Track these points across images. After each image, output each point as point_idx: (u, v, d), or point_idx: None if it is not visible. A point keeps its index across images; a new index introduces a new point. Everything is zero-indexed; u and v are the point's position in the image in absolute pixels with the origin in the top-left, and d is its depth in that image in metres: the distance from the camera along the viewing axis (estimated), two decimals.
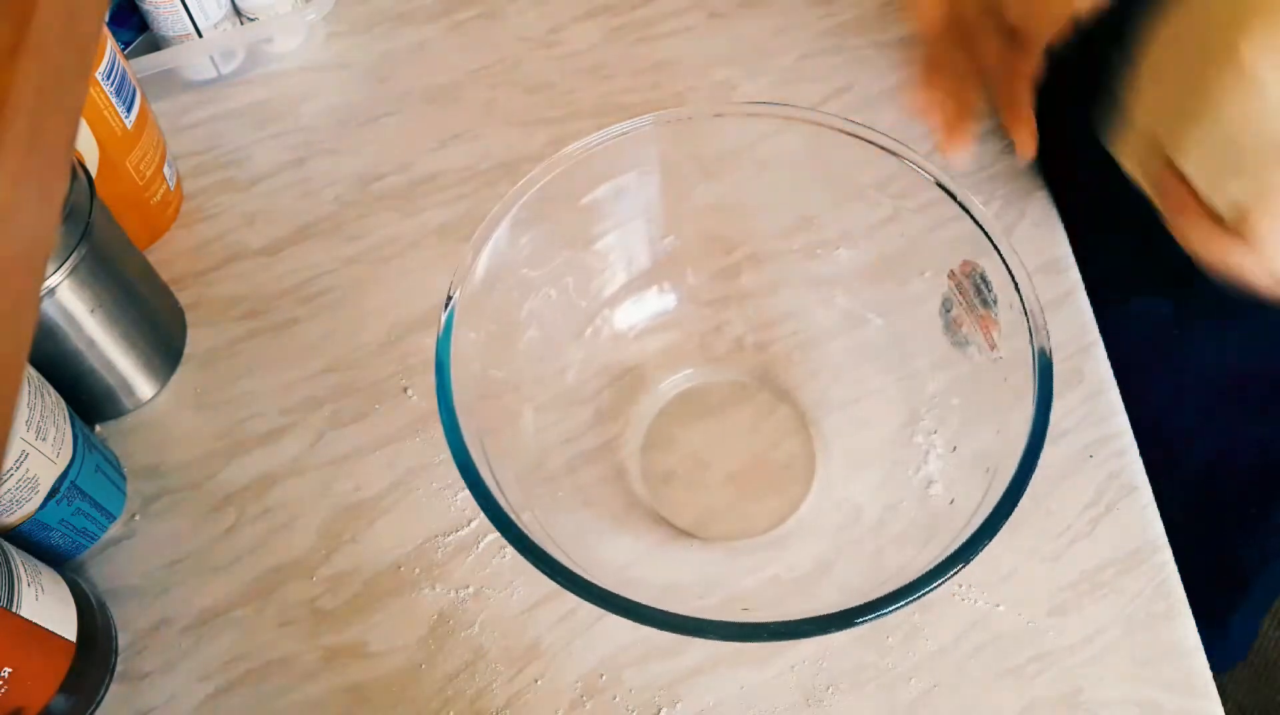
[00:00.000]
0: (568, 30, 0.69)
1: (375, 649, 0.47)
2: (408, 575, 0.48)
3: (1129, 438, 0.51)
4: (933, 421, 0.44)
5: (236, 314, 0.57)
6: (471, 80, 0.66)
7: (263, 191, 0.62)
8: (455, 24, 0.69)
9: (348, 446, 0.52)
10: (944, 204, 0.41)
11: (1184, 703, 0.45)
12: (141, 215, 0.58)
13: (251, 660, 0.47)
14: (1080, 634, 0.46)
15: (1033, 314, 0.38)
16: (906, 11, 0.43)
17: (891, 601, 0.33)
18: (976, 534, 0.34)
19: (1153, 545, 0.48)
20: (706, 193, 0.48)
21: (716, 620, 0.33)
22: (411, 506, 0.50)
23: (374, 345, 0.55)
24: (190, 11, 0.62)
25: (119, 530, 0.50)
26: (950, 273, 0.42)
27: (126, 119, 0.54)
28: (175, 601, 0.48)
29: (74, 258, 0.46)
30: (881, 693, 0.45)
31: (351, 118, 0.65)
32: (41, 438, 0.44)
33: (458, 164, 0.62)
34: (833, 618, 0.33)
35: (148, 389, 0.54)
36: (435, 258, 0.58)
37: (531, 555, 0.34)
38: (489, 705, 0.45)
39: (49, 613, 0.42)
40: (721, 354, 0.52)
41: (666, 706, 0.45)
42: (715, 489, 0.49)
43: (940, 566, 0.34)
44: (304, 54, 0.68)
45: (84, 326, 0.48)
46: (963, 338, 0.42)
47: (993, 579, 0.47)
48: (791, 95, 0.64)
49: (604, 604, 0.33)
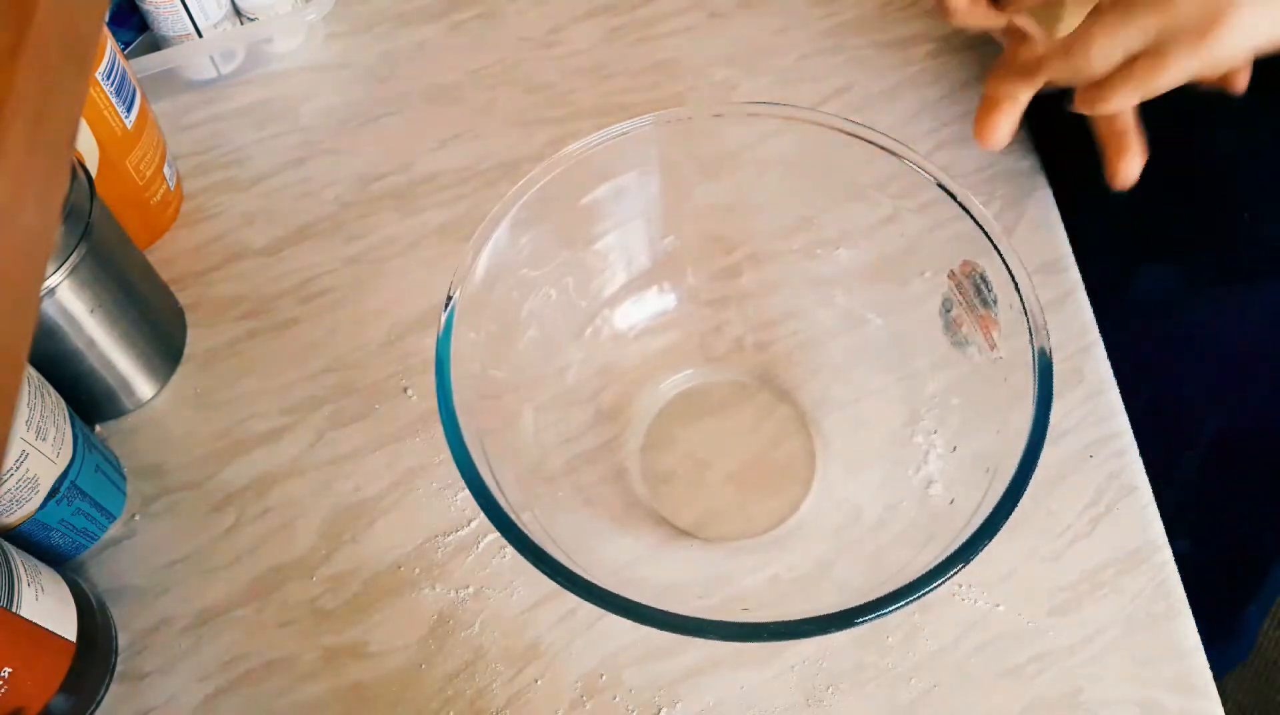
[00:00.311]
0: (568, 30, 0.69)
1: (375, 649, 0.47)
2: (408, 575, 0.48)
3: (1129, 438, 0.51)
4: (933, 421, 0.44)
5: (236, 314, 0.57)
6: (471, 80, 0.66)
7: (263, 191, 0.62)
8: (455, 24, 0.69)
9: (348, 446, 0.52)
10: (944, 204, 0.41)
11: (1184, 703, 0.45)
12: (141, 215, 0.58)
13: (251, 660, 0.47)
14: (1080, 634, 0.46)
15: (1033, 314, 0.38)
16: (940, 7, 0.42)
17: (891, 601, 0.33)
18: (976, 534, 0.34)
19: (1153, 545, 0.48)
20: (706, 193, 0.48)
21: (716, 620, 0.33)
22: (411, 506, 0.50)
23: (374, 345, 0.55)
24: (190, 11, 0.62)
25: (119, 530, 0.50)
26: (950, 273, 0.42)
27: (126, 119, 0.54)
28: (175, 601, 0.48)
29: (74, 258, 0.46)
30: (881, 693, 0.45)
31: (351, 118, 0.65)
32: (41, 438, 0.44)
33: (458, 164, 0.62)
34: (833, 618, 0.33)
35: (148, 389, 0.54)
36: (435, 258, 0.58)
37: (531, 555, 0.34)
38: (489, 705, 0.45)
39: (49, 613, 0.42)
40: (721, 354, 0.52)
41: (666, 706, 0.45)
42: (715, 489, 0.49)
43: (940, 566, 0.34)
44: (304, 54, 0.68)
45: (84, 326, 0.48)
46: (963, 338, 0.42)
47: (993, 579, 0.47)
48: (791, 95, 0.64)
49: (604, 604, 0.33)
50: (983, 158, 0.60)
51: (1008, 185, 0.59)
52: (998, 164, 0.60)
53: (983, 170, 0.60)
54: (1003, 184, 0.59)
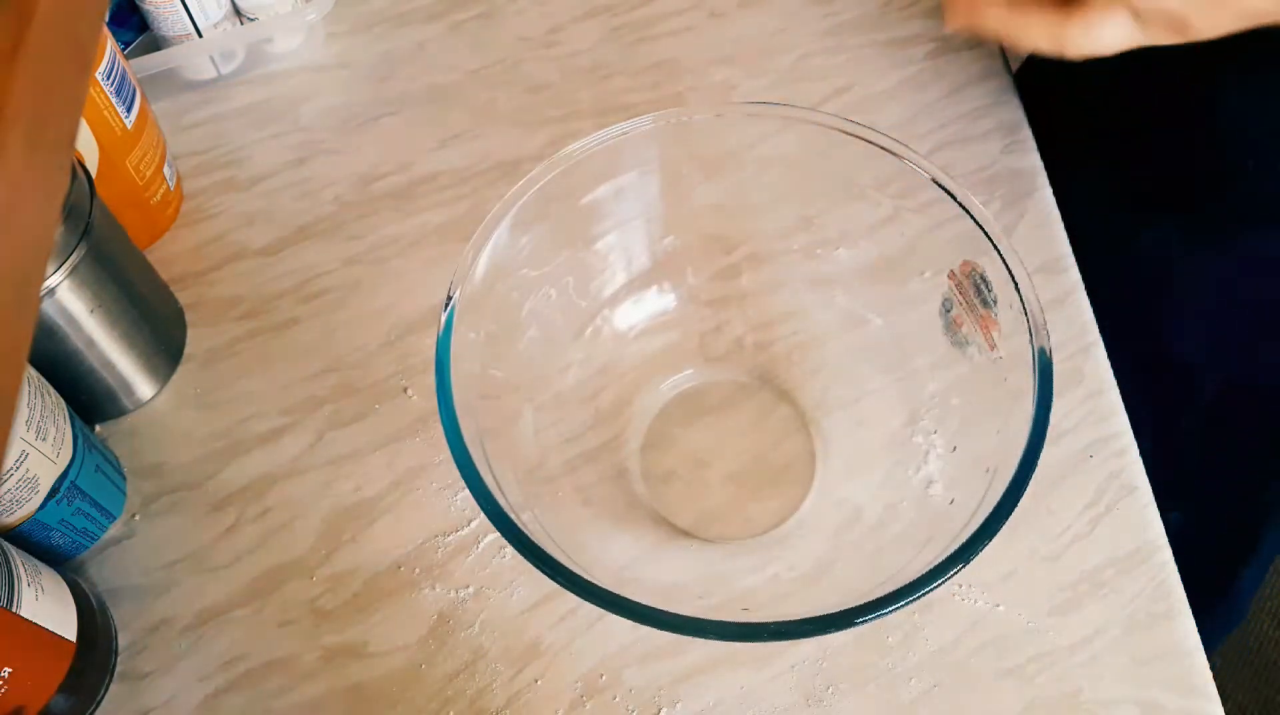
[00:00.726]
0: (568, 30, 0.69)
1: (375, 649, 0.47)
2: (408, 575, 0.48)
3: (1129, 438, 0.51)
4: (932, 421, 0.44)
5: (236, 314, 0.57)
6: (471, 80, 0.66)
7: (263, 191, 0.62)
8: (455, 24, 0.69)
9: (348, 446, 0.52)
10: (944, 204, 0.41)
11: (1184, 703, 0.45)
12: (141, 215, 0.58)
13: (251, 660, 0.47)
14: (1080, 634, 0.46)
15: (1033, 314, 0.38)
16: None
17: (891, 601, 0.33)
18: (976, 534, 0.34)
19: (1153, 545, 0.48)
20: (706, 193, 0.48)
21: (716, 620, 0.33)
22: (411, 506, 0.50)
23: (374, 345, 0.55)
24: (190, 11, 0.62)
25: (119, 530, 0.50)
26: (950, 273, 0.42)
27: (126, 119, 0.54)
28: (175, 601, 0.48)
29: (74, 258, 0.46)
30: (881, 693, 0.45)
31: (351, 118, 0.65)
32: (41, 438, 0.44)
33: (458, 164, 0.62)
34: (833, 617, 0.33)
35: (148, 389, 0.54)
36: (435, 258, 0.58)
37: (531, 555, 0.34)
38: (489, 705, 0.45)
39: (49, 613, 0.42)
40: (721, 354, 0.52)
41: (666, 706, 0.45)
42: (715, 489, 0.49)
43: (940, 566, 0.34)
44: (304, 54, 0.68)
45: (84, 326, 0.48)
46: (963, 338, 0.42)
47: (993, 579, 0.47)
48: (791, 95, 0.64)
49: (604, 604, 0.33)
50: (983, 158, 0.61)
51: (1008, 185, 0.59)
52: (998, 164, 0.60)
53: (983, 170, 0.60)
54: (1003, 184, 0.59)
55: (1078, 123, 0.56)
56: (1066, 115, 0.60)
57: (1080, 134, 0.57)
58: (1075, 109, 0.58)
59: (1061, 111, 0.60)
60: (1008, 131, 0.61)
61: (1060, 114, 0.59)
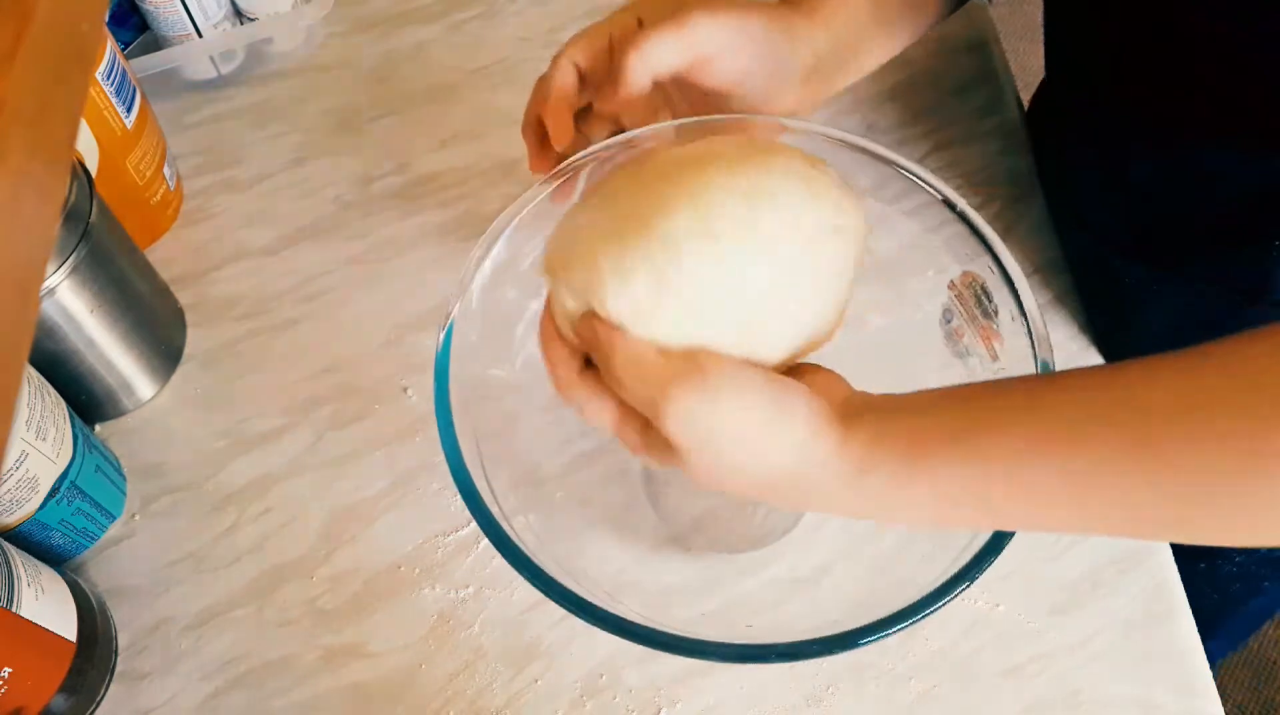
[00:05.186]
0: (567, 30, 0.68)
1: (375, 649, 0.47)
2: (408, 575, 0.48)
3: None
4: None
5: (236, 314, 0.57)
6: (471, 80, 0.66)
7: (263, 191, 0.62)
8: (455, 24, 0.69)
9: (348, 446, 0.52)
10: (942, 208, 0.41)
11: (1184, 703, 0.45)
12: (141, 215, 0.58)
13: (251, 660, 0.47)
14: (1080, 634, 0.46)
15: (1034, 325, 0.38)
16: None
17: (897, 621, 0.33)
18: (983, 550, 0.34)
19: (1152, 545, 0.48)
20: None
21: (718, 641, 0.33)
22: (411, 506, 0.50)
23: (374, 345, 0.55)
24: (190, 11, 0.62)
25: (119, 530, 0.50)
26: (951, 283, 0.42)
27: (126, 119, 0.54)
28: (175, 601, 0.48)
29: (74, 258, 0.46)
30: (882, 692, 0.45)
31: (351, 118, 0.65)
32: (41, 438, 0.44)
33: (458, 164, 0.62)
34: (836, 639, 0.33)
35: (148, 389, 0.54)
36: (435, 257, 0.58)
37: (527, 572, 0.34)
38: (489, 705, 0.45)
39: (49, 613, 0.42)
40: None
41: (666, 706, 0.45)
42: (715, 492, 0.49)
43: (944, 586, 0.34)
44: (304, 54, 0.68)
45: (84, 326, 0.48)
46: (964, 349, 0.42)
47: (993, 579, 0.47)
48: None
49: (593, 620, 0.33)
50: (983, 158, 0.60)
51: (1008, 185, 0.59)
52: (998, 164, 0.60)
53: (982, 170, 0.60)
54: (1003, 184, 0.59)
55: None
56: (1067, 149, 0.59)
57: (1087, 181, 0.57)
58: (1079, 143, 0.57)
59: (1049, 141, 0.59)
60: (1006, 133, 0.61)
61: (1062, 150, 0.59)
